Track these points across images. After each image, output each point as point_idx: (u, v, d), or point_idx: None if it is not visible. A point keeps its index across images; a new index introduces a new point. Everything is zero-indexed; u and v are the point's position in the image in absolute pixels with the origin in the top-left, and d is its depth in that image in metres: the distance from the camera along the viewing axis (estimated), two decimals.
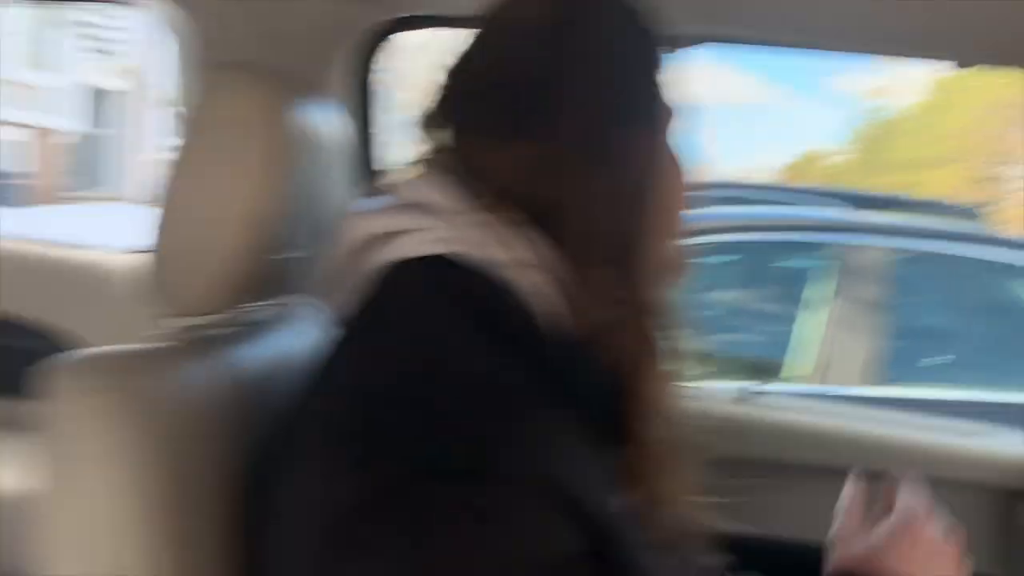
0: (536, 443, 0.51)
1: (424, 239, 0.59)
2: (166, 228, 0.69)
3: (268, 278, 0.76)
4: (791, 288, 2.89)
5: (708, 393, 1.43)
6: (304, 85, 1.02)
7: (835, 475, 1.23)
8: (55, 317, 1.27)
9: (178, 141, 0.69)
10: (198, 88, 0.71)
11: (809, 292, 2.69)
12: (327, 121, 0.78)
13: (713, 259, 2.79)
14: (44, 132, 16.08)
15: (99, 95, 17.76)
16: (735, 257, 3.04)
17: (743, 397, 1.39)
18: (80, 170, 17.83)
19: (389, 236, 0.61)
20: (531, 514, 0.47)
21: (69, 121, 16.74)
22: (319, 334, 0.92)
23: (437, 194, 0.61)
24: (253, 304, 0.77)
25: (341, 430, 0.52)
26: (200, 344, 0.70)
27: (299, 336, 0.86)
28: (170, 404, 0.62)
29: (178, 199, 0.68)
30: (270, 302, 0.85)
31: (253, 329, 0.80)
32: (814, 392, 2.40)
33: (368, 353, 0.57)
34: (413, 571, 0.45)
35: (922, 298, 3.06)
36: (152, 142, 18.91)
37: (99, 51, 14.04)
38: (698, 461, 0.65)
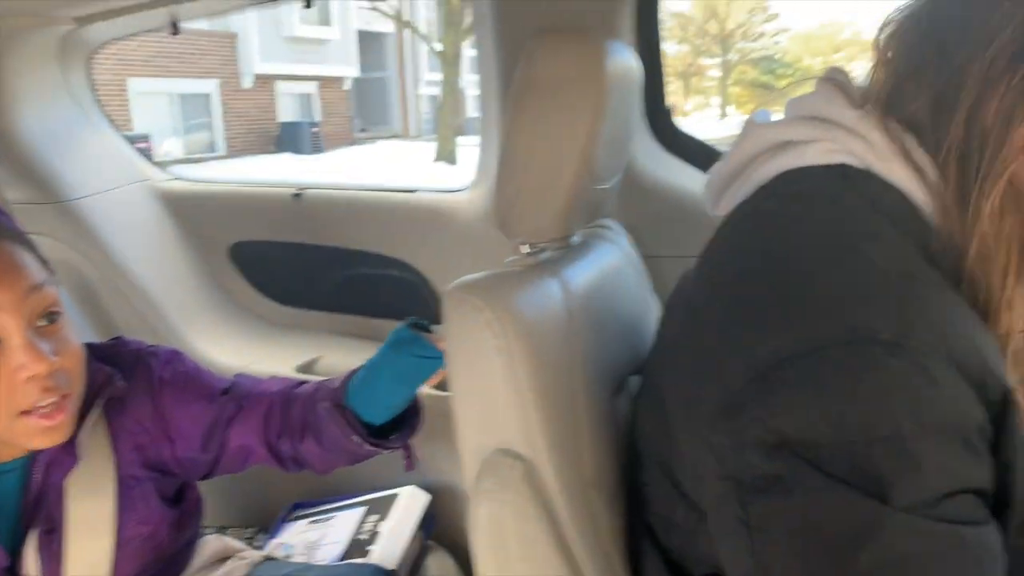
0: (952, 321, 0.56)
1: (828, 149, 0.67)
2: (509, 172, 0.84)
3: (589, 206, 0.89)
4: None
5: None
6: (602, 32, 1.13)
7: None
8: (399, 251, 1.54)
9: (511, 96, 0.84)
10: (525, 48, 0.83)
11: None
12: (628, 63, 0.88)
13: None
14: (328, 81, 17.85)
15: (370, 40, 19.24)
16: None
17: None
18: (360, 113, 19.64)
19: (789, 145, 0.70)
20: (947, 381, 0.53)
21: (347, 68, 18.37)
22: (625, 247, 1.05)
23: (839, 109, 0.67)
24: (580, 229, 0.91)
25: (767, 296, 0.60)
26: (542, 267, 0.86)
27: (611, 251, 1.01)
28: (532, 316, 0.78)
29: (518, 146, 0.83)
30: (591, 225, 0.99)
31: (576, 250, 0.95)
32: None
33: (786, 236, 0.64)
34: (835, 416, 0.53)
35: None
36: (418, 79, 20.28)
37: None
38: None
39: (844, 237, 0.61)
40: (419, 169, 12.12)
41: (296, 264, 1.66)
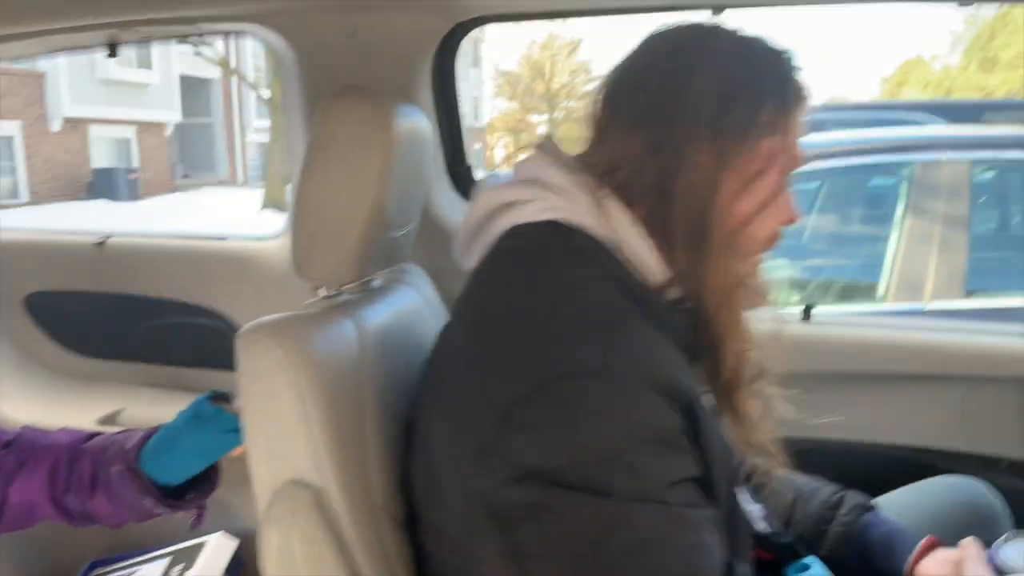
0: (645, 347, 0.69)
1: (541, 207, 0.78)
2: (304, 220, 0.90)
3: (385, 252, 0.96)
4: (880, 209, 2.96)
5: (779, 316, 1.53)
6: (397, 93, 1.22)
7: (888, 381, 1.36)
8: (208, 299, 1.54)
9: (306, 150, 0.90)
10: (320, 106, 0.89)
11: (895, 212, 2.72)
12: (418, 122, 0.97)
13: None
14: (148, 126, 17.01)
15: (194, 85, 18.57)
16: (816, 184, 3.10)
17: (807, 318, 1.48)
18: (184, 159, 18.82)
19: (512, 205, 0.80)
20: (646, 399, 0.65)
21: (169, 113, 17.60)
22: (424, 290, 1.13)
23: (551, 173, 0.79)
24: (375, 273, 0.98)
25: (496, 344, 0.71)
26: (338, 308, 0.92)
27: (409, 294, 1.08)
28: (323, 354, 0.83)
29: (311, 196, 0.89)
30: (386, 270, 1.06)
31: (375, 293, 1.01)
32: (890, 311, 2.48)
33: (507, 287, 0.75)
34: (565, 442, 0.64)
35: (1014, 207, 3.07)
36: (246, 125, 19.76)
37: (191, 43, 14.68)
38: (768, 377, 0.83)
39: (558, 285, 0.73)
40: (244, 216, 11.75)
41: (99, 314, 1.61)
